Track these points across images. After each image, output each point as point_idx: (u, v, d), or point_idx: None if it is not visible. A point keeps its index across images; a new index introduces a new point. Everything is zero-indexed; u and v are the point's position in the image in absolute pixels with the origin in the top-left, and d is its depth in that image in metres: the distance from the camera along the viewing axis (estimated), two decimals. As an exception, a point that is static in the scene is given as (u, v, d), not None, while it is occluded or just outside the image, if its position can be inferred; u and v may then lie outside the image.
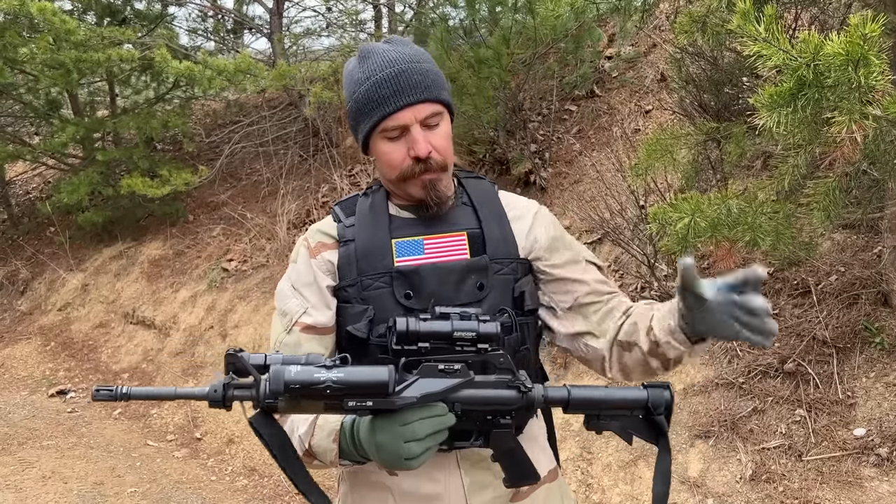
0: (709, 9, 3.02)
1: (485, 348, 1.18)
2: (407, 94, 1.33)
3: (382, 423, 1.14)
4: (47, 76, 6.74)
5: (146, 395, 1.10)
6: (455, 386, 1.15)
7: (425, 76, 1.36)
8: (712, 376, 3.65)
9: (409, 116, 1.33)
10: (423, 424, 1.12)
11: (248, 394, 1.08)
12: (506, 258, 1.40)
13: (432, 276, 1.35)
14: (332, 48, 8.63)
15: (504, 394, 1.20)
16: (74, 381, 6.25)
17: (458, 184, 1.49)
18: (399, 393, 1.11)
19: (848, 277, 3.66)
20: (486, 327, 1.17)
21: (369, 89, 1.35)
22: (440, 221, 1.42)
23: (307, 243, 1.45)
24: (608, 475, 3.53)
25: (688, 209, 2.54)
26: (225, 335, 5.94)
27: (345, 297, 1.38)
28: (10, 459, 4.72)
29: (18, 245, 8.44)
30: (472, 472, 1.38)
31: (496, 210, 1.45)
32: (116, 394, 1.06)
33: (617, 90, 5.99)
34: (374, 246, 1.38)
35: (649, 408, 1.23)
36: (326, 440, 1.25)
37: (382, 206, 1.44)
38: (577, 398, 1.23)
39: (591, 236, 4.90)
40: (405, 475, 1.36)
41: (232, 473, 4.62)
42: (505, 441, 1.24)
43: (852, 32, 1.74)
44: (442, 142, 1.37)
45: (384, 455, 1.14)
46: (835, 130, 1.90)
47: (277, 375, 1.07)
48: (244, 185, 7.81)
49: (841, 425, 3.21)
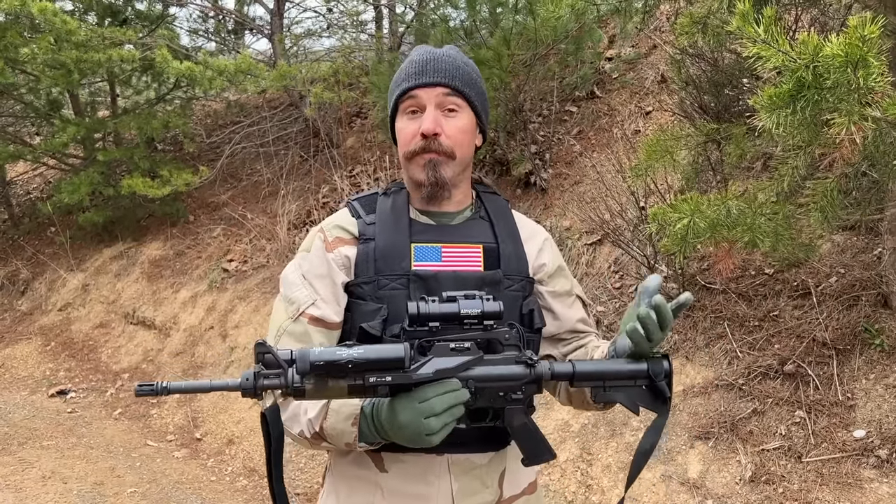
0: (709, 10, 3.02)
1: (490, 325, 1.25)
2: (429, 74, 1.41)
3: (402, 402, 1.20)
4: (48, 76, 6.75)
5: (184, 388, 1.14)
6: (467, 362, 1.23)
7: (455, 68, 1.44)
8: (712, 378, 3.65)
9: (427, 95, 1.41)
10: (441, 400, 1.19)
11: (278, 381, 1.13)
12: (517, 275, 1.45)
13: (449, 283, 1.39)
14: (332, 49, 8.63)
15: (513, 369, 1.27)
16: (75, 381, 6.25)
17: (477, 196, 1.54)
18: (415, 370, 1.19)
19: (848, 279, 3.66)
20: (490, 305, 1.25)
21: (404, 68, 1.46)
22: (458, 232, 1.46)
23: (323, 235, 1.45)
24: (608, 476, 3.53)
25: (687, 210, 2.55)
26: (225, 335, 5.94)
27: (359, 293, 1.40)
28: (10, 459, 4.72)
29: (19, 245, 8.44)
30: (461, 479, 1.40)
31: (511, 228, 1.50)
32: (158, 389, 1.11)
33: (617, 91, 5.99)
34: (394, 247, 1.41)
35: (651, 376, 1.29)
36: (344, 423, 1.29)
37: (403, 208, 1.46)
38: (581, 371, 1.30)
39: (591, 237, 4.90)
40: (395, 474, 1.38)
41: (232, 474, 4.63)
42: (518, 417, 1.30)
43: (851, 34, 1.74)
44: (455, 131, 1.43)
45: (406, 432, 1.20)
46: (834, 132, 1.90)
47: (303, 357, 1.13)
48: (245, 185, 7.82)
49: (841, 427, 3.21)
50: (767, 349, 3.61)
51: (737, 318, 3.83)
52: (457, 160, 1.43)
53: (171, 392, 1.12)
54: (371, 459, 1.40)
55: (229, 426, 5.06)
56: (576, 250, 4.90)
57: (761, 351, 3.61)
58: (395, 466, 1.39)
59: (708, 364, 3.74)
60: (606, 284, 4.57)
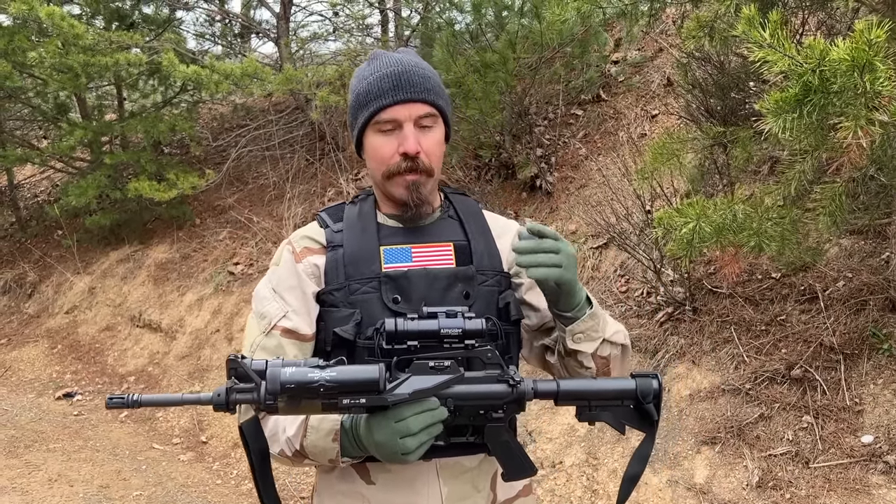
0: (716, 14, 3.01)
1: (472, 344, 1.23)
2: (405, 91, 1.37)
3: (378, 421, 1.18)
4: (56, 80, 6.78)
5: (155, 401, 1.16)
6: (445, 382, 1.20)
7: (426, 80, 1.41)
8: (718, 382, 3.63)
9: (404, 113, 1.38)
10: (417, 419, 1.17)
11: (249, 397, 1.12)
12: (490, 270, 1.44)
13: (421, 280, 1.38)
14: (338, 52, 8.64)
15: (494, 388, 1.24)
16: (81, 383, 6.27)
17: (445, 198, 1.53)
18: (391, 390, 1.16)
19: (855, 283, 3.64)
20: (471, 324, 1.23)
21: (371, 83, 1.40)
22: (427, 232, 1.45)
23: (291, 248, 1.45)
24: (613, 481, 3.52)
25: (692, 214, 2.53)
26: (231, 338, 5.95)
27: (331, 300, 1.39)
28: (16, 462, 4.73)
29: (26, 248, 8.48)
30: (451, 483, 1.38)
31: (481, 225, 1.50)
32: (128, 401, 1.12)
33: (623, 94, 5.98)
34: (363, 252, 1.40)
35: (638, 397, 1.27)
36: (325, 440, 1.27)
37: (371, 213, 1.46)
38: (566, 390, 1.27)
39: (596, 241, 4.89)
40: (382, 485, 1.37)
41: (237, 477, 4.63)
42: (499, 434, 1.28)
43: (858, 38, 1.73)
44: (432, 146, 1.41)
45: (382, 451, 1.19)
46: (841, 136, 1.88)
47: (273, 377, 1.11)
48: (251, 188, 7.83)
49: (848, 432, 3.19)
50: (774, 354, 3.59)
51: (743, 322, 3.81)
52: (434, 176, 1.43)
53: (142, 405, 1.13)
54: (357, 472, 1.38)
55: (234, 430, 5.05)
56: (581, 254, 4.89)
57: (768, 355, 3.59)
58: (382, 477, 1.37)
59: (714, 368, 3.72)
60: (612, 288, 4.56)
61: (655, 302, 4.24)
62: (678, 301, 4.08)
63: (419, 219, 1.45)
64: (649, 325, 4.14)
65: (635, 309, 4.32)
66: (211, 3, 8.68)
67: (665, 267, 4.15)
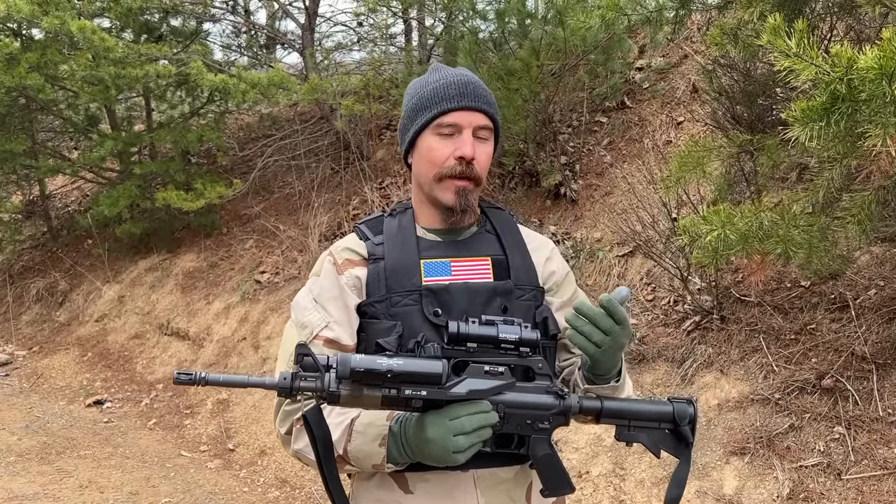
0: (741, 21, 2.98)
1: (526, 352, 1.28)
2: (470, 98, 1.42)
3: (432, 418, 1.22)
4: (86, 92, 6.90)
5: (221, 381, 1.17)
6: (500, 386, 1.24)
7: (489, 95, 1.47)
8: (748, 392, 3.59)
9: (466, 119, 1.42)
10: (471, 419, 1.20)
11: (314, 384, 1.16)
12: (527, 285, 1.46)
13: (461, 294, 1.40)
14: (362, 62, 8.70)
15: (543, 398, 1.29)
16: (111, 391, 6.36)
17: (482, 212, 1.55)
18: (450, 388, 1.21)
19: (888, 291, 3.58)
20: (528, 333, 1.28)
21: (437, 88, 1.44)
22: (466, 246, 1.48)
23: (333, 259, 1.47)
24: (641, 491, 3.49)
25: (718, 222, 2.51)
26: (257, 346, 6.00)
27: (372, 312, 1.41)
28: (48, 468, 4.81)
29: (57, 257, 8.63)
30: (488, 493, 1.39)
31: (518, 240, 1.52)
32: (195, 378, 1.14)
33: (648, 101, 5.95)
34: (404, 265, 1.42)
35: (675, 420, 1.30)
36: (371, 445, 1.29)
37: (410, 227, 1.48)
38: (609, 409, 1.31)
39: (622, 249, 4.86)
40: (421, 494, 1.38)
41: (264, 485, 4.66)
42: (543, 447, 1.31)
43: (886, 46, 1.71)
44: (484, 157, 1.45)
45: (433, 449, 1.21)
46: (870, 144, 1.86)
47: (344, 361, 1.15)
48: (277, 197, 7.90)
49: (882, 443, 3.13)
50: (804, 363, 3.54)
51: (772, 331, 3.76)
52: (480, 186, 1.46)
53: (208, 383, 1.15)
54: (395, 481, 1.39)
55: (261, 437, 5.09)
56: (607, 262, 4.86)
57: (798, 365, 3.54)
58: (421, 486, 1.38)
59: (743, 378, 3.68)
60: (639, 297, 4.53)
61: (682, 310, 4.20)
62: (706, 310, 4.04)
63: (460, 226, 1.48)
64: (676, 334, 4.10)
65: (662, 318, 4.28)
66: (237, 15, 8.79)
67: (692, 275, 4.11)
